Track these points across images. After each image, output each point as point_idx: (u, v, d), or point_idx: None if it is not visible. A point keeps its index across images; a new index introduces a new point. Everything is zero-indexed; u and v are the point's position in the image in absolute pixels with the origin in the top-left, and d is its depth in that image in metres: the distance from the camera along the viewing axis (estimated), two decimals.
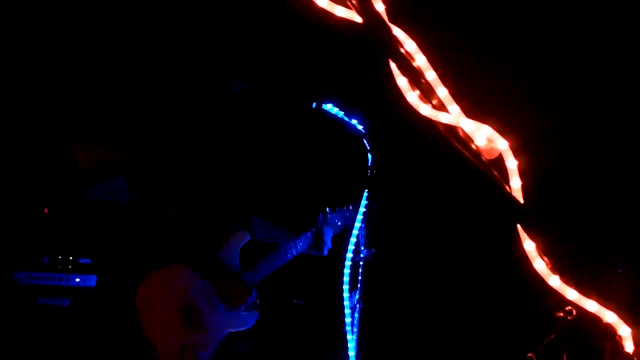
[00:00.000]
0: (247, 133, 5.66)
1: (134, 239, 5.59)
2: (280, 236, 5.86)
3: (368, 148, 5.28)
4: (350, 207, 5.84)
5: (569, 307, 5.13)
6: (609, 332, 5.15)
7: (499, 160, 5.08)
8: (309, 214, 5.89)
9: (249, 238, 5.57)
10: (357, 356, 5.30)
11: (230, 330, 5.37)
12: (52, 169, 6.16)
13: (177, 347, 5.13)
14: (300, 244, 5.72)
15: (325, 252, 5.85)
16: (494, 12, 5.66)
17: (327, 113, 5.27)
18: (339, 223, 5.85)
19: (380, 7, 4.91)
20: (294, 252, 5.68)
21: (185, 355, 5.14)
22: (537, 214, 5.15)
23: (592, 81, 5.62)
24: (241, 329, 5.42)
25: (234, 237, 5.52)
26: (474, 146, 5.05)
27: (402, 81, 5.04)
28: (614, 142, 5.60)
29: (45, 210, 6.19)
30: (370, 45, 5.01)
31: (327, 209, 5.86)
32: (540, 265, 5.14)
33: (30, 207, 6.17)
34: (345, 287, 5.46)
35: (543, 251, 5.15)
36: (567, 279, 5.14)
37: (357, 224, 5.42)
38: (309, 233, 5.79)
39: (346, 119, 5.29)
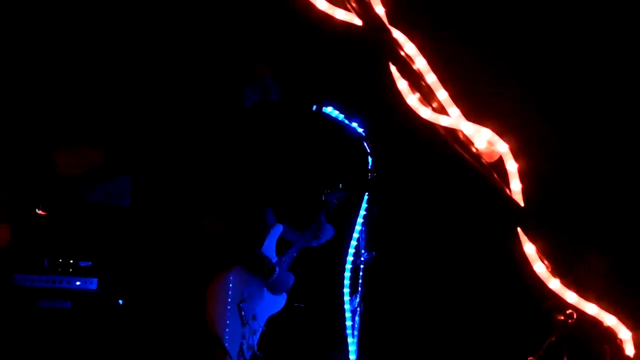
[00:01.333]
0: (249, 136, 5.65)
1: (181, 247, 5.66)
2: (290, 233, 5.92)
3: (368, 151, 5.28)
4: (340, 185, 5.89)
5: (569, 310, 5.13)
6: (610, 335, 5.16)
7: (499, 163, 5.09)
8: (310, 215, 5.89)
9: (282, 229, 5.67)
10: (357, 359, 5.30)
11: (270, 314, 5.49)
12: (36, 177, 6.19)
13: (239, 338, 5.23)
14: (302, 241, 5.79)
15: (323, 241, 5.91)
16: (493, 15, 5.65)
17: (328, 116, 5.26)
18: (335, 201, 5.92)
19: (380, 10, 4.93)
20: (300, 248, 5.78)
21: (245, 345, 5.26)
22: (537, 217, 5.15)
23: (591, 84, 5.61)
24: (276, 311, 5.52)
25: (271, 233, 5.60)
26: (474, 149, 5.07)
27: (402, 84, 5.06)
28: (614, 144, 5.60)
29: (42, 212, 6.18)
30: (370, 48, 5.02)
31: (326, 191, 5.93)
32: (540, 268, 5.15)
33: (29, 209, 6.18)
34: (346, 290, 5.46)
35: (543, 254, 5.16)
36: (567, 281, 5.15)
37: (358, 227, 5.41)
38: (311, 230, 5.85)
39: (346, 121, 5.29)
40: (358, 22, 4.93)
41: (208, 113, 5.48)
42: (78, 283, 6.24)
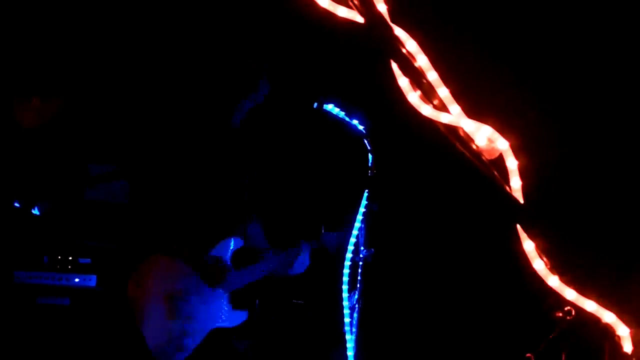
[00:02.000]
0: (248, 133, 5.68)
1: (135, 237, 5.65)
2: (264, 247, 5.88)
3: (369, 148, 5.29)
4: (342, 233, 5.82)
5: (568, 307, 5.15)
6: (608, 332, 5.18)
7: (499, 160, 5.11)
8: (309, 214, 5.90)
9: (241, 244, 5.60)
10: (356, 356, 5.31)
11: (217, 325, 5.42)
12: None
13: (164, 335, 5.17)
14: (274, 262, 5.73)
15: (295, 272, 5.86)
16: (495, 13, 5.66)
17: (328, 113, 5.28)
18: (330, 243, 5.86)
19: (382, 8, 4.95)
20: (266, 271, 5.69)
21: (171, 343, 5.20)
22: (537, 214, 5.17)
23: (592, 81, 5.62)
24: (228, 326, 5.45)
25: (225, 241, 5.56)
26: (474, 146, 5.09)
27: (403, 81, 5.08)
28: (615, 141, 5.61)
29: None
30: (371, 46, 5.04)
31: (310, 242, 5.84)
32: (539, 265, 5.17)
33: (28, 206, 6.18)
34: (345, 287, 5.47)
35: (542, 251, 5.18)
36: (566, 279, 5.17)
37: (357, 224, 5.42)
38: (286, 254, 5.79)
39: (347, 119, 5.30)
40: (360, 19, 4.94)
41: (204, 117, 5.52)
42: (77, 280, 6.24)
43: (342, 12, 4.97)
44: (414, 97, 5.06)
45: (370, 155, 5.29)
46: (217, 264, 5.44)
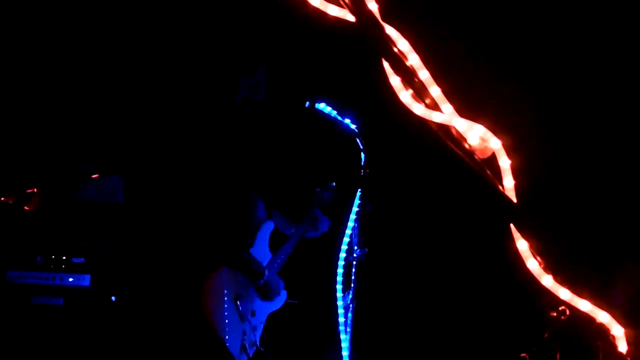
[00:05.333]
0: (240, 132, 5.65)
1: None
2: (286, 225, 5.92)
3: (361, 147, 5.26)
4: (333, 184, 5.90)
5: (562, 307, 5.14)
6: (602, 331, 5.17)
7: (492, 160, 5.10)
8: (304, 210, 5.90)
9: (273, 227, 5.67)
10: (350, 356, 5.29)
11: (271, 310, 5.53)
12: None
13: (240, 335, 5.24)
14: (300, 232, 5.81)
15: (320, 232, 5.92)
16: (487, 12, 5.65)
17: (320, 112, 5.25)
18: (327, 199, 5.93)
19: (373, 6, 4.94)
20: (298, 239, 5.78)
21: (246, 341, 5.28)
22: (530, 213, 5.16)
23: (584, 80, 5.61)
24: (277, 308, 5.60)
25: (261, 230, 5.61)
26: (467, 145, 5.08)
27: (395, 80, 5.07)
28: (607, 141, 5.60)
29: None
30: (363, 44, 5.02)
31: (316, 189, 5.94)
32: (533, 264, 5.16)
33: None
34: (339, 286, 5.46)
35: (536, 250, 5.17)
36: (560, 278, 5.15)
37: (350, 224, 5.40)
38: (305, 221, 5.86)
39: (339, 118, 5.27)
40: (351, 18, 4.93)
41: (201, 106, 5.49)
42: (71, 280, 6.23)
43: (333, 10, 4.96)
44: (405, 96, 5.04)
45: (362, 155, 5.26)
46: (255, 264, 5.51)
